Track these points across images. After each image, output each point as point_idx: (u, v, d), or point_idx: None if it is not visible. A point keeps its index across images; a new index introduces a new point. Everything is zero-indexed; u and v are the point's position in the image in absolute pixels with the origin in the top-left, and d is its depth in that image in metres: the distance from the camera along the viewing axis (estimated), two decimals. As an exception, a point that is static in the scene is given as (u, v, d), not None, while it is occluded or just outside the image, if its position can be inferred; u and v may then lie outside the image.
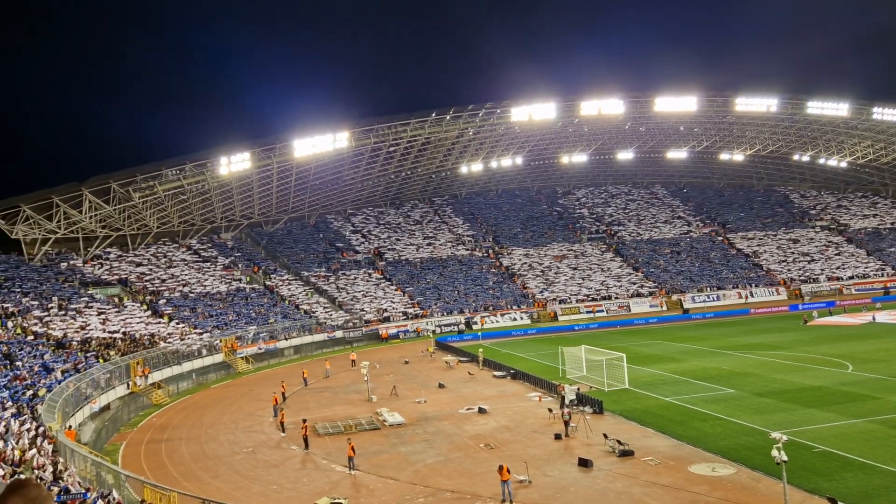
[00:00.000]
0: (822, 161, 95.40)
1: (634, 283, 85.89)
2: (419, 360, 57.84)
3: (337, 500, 24.42)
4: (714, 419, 31.43)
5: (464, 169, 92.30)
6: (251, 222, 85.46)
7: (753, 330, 61.66)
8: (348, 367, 55.31)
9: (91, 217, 64.06)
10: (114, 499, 22.17)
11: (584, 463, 26.42)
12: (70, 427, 32.40)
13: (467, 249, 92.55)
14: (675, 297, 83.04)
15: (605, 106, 75.36)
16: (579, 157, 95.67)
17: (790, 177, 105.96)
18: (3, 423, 28.47)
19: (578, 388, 37.55)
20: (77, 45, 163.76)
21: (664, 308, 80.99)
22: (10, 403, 31.68)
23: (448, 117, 74.45)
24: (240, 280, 74.30)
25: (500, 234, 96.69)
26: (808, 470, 23.42)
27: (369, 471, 28.04)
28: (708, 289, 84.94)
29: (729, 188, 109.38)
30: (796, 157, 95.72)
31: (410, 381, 47.94)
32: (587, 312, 79.34)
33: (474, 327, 74.46)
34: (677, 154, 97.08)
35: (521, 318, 78.32)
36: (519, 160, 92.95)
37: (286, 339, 66.03)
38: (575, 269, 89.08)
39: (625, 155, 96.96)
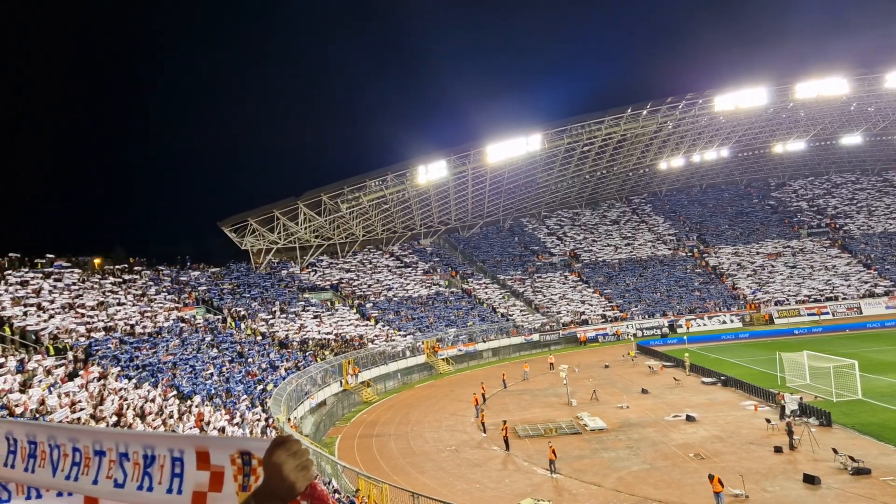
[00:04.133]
0: None
1: (866, 282, 76.54)
2: (620, 364, 56.00)
3: (541, 503, 24.20)
4: (975, 438, 26.97)
5: (663, 165, 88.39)
6: (448, 228, 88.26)
7: None
8: (546, 370, 55.04)
9: (306, 228, 69.98)
10: (332, 487, 23.76)
11: (811, 479, 23.86)
12: (290, 419, 35.34)
13: (669, 249, 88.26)
14: (917, 298, 72.86)
15: (824, 86, 68.64)
16: (795, 145, 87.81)
17: None
18: (240, 414, 31.85)
19: (801, 398, 34.11)
20: (290, 80, 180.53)
21: (904, 309, 71.39)
22: (244, 396, 35.36)
23: (645, 112, 71.74)
24: (439, 284, 76.94)
25: (706, 232, 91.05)
26: None
27: (571, 475, 27.51)
28: (961, 287, 73.51)
29: None
30: None
31: (611, 385, 46.51)
32: (809, 315, 72.09)
33: (679, 331, 70.63)
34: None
35: (732, 321, 72.98)
36: (724, 152, 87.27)
37: (484, 341, 67.22)
38: (793, 267, 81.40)
39: (851, 139, 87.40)
